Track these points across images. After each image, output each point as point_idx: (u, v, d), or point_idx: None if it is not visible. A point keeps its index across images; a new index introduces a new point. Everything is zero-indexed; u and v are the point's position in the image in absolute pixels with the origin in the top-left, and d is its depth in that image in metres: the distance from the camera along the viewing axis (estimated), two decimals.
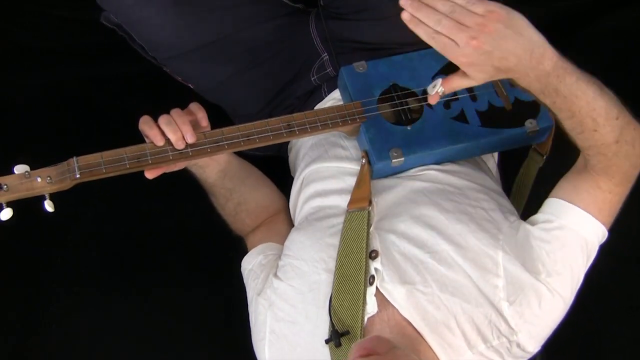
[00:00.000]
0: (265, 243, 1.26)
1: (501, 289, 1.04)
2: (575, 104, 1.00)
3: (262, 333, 1.13)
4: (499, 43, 0.94)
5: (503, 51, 0.95)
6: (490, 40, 0.94)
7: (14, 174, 1.00)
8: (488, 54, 0.94)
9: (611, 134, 1.03)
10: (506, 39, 0.94)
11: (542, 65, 0.97)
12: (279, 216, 1.33)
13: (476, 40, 0.94)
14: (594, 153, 1.06)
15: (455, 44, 0.95)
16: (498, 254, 1.07)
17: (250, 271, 1.22)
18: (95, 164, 1.03)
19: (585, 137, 1.04)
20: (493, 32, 0.94)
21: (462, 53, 0.95)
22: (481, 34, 0.94)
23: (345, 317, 1.04)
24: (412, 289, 1.04)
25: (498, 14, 0.94)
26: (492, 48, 0.94)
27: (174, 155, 1.07)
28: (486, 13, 0.94)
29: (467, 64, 0.96)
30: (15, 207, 1.00)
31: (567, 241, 1.08)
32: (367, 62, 1.24)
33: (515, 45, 0.95)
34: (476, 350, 1.03)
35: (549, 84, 0.99)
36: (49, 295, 1.40)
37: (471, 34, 0.94)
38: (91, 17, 1.42)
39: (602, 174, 1.08)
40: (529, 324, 1.04)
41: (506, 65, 0.96)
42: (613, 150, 1.05)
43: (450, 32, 0.94)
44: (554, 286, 1.06)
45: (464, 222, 1.10)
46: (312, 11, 1.41)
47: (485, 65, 0.96)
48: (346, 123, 1.16)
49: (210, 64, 1.36)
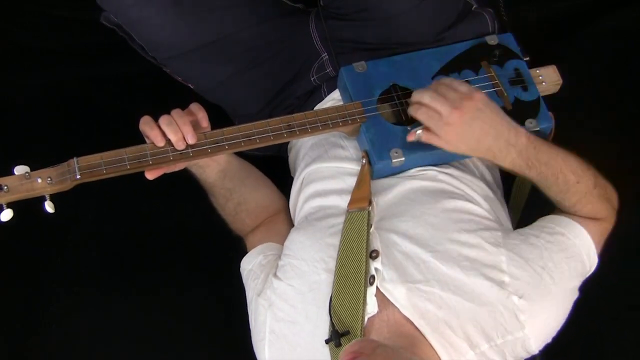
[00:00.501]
0: (265, 243, 1.25)
1: (508, 284, 1.05)
2: (555, 166, 1.11)
3: (262, 333, 1.13)
4: (481, 115, 1.07)
5: (485, 120, 1.07)
6: (473, 110, 1.07)
7: (14, 174, 1.00)
8: (469, 124, 1.06)
9: (590, 180, 1.14)
10: (487, 112, 1.08)
11: (521, 140, 1.09)
12: (279, 216, 1.33)
13: (459, 110, 1.06)
14: (583, 204, 1.14)
15: (440, 114, 1.04)
16: (501, 251, 1.08)
17: (250, 271, 1.22)
18: (96, 164, 1.03)
19: (573, 193, 1.13)
20: (474, 104, 1.07)
21: (445, 122, 1.06)
22: (464, 103, 1.06)
23: (345, 317, 1.04)
24: (413, 288, 1.04)
25: (479, 93, 1.09)
26: (474, 117, 1.06)
27: (175, 156, 1.07)
28: (469, 92, 1.08)
29: (448, 134, 1.07)
30: (15, 207, 1.00)
31: (567, 246, 1.11)
32: (367, 62, 1.24)
33: (495, 118, 1.08)
34: (479, 350, 1.03)
35: (530, 156, 1.10)
36: (49, 295, 1.40)
37: (455, 105, 1.06)
38: (91, 17, 1.42)
39: (591, 217, 1.16)
40: (537, 319, 1.05)
41: (487, 142, 1.08)
42: (595, 195, 1.14)
43: (435, 103, 1.07)
44: (557, 280, 1.07)
45: (465, 221, 1.11)
46: (312, 11, 1.41)
47: (465, 139, 1.08)
48: (346, 123, 1.16)
49: (210, 64, 1.36)
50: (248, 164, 1.30)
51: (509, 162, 1.11)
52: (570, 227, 1.13)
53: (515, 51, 1.28)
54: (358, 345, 0.92)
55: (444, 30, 1.32)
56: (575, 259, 1.11)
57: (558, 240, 1.11)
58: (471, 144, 1.09)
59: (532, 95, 1.24)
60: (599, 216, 1.16)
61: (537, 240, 1.11)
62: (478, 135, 1.08)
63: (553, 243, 1.11)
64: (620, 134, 1.50)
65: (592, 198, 1.14)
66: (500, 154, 1.10)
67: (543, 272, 1.07)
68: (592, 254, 1.13)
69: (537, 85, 1.26)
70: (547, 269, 1.07)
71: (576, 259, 1.11)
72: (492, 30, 1.35)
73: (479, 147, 1.09)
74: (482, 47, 1.28)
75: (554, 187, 1.13)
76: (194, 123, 1.09)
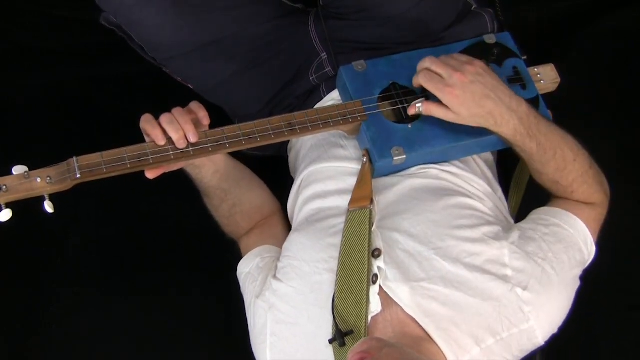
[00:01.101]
0: (261, 246, 1.25)
1: (511, 277, 1.05)
2: (554, 140, 1.13)
3: (262, 336, 1.13)
4: (482, 79, 1.10)
5: (485, 84, 1.09)
6: (473, 74, 1.10)
7: (13, 174, 0.99)
8: (471, 88, 1.08)
9: (585, 160, 1.16)
10: (487, 77, 1.11)
11: (522, 107, 1.12)
12: (273, 218, 1.33)
13: (460, 72, 1.09)
14: (579, 184, 1.15)
15: (441, 77, 1.10)
16: (503, 245, 1.08)
17: (248, 274, 1.21)
18: (96, 163, 1.03)
19: (570, 171, 1.15)
20: (475, 69, 1.10)
21: (446, 83, 1.09)
22: (465, 67, 1.10)
23: (348, 316, 1.04)
24: (417, 287, 1.04)
25: (480, 61, 1.13)
26: (474, 80, 1.09)
27: (175, 155, 1.07)
28: (469, 59, 1.12)
29: (450, 94, 1.09)
30: (14, 207, 0.99)
31: (564, 236, 1.12)
32: (367, 61, 1.24)
33: (495, 84, 1.11)
34: (484, 346, 1.04)
35: (531, 124, 1.12)
36: (49, 295, 1.39)
37: (456, 68, 1.10)
38: (91, 17, 1.42)
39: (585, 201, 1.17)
40: (541, 310, 1.05)
41: (488, 106, 1.09)
42: (591, 176, 1.16)
43: (437, 68, 1.11)
44: (559, 270, 1.08)
45: (466, 217, 1.11)
46: (312, 11, 1.41)
47: (467, 101, 1.09)
48: (347, 121, 1.16)
49: (209, 64, 1.36)
50: (243, 165, 1.30)
51: (511, 128, 1.11)
52: (565, 218, 1.14)
53: (513, 50, 1.29)
54: (367, 345, 0.92)
55: (444, 30, 1.32)
56: (573, 248, 1.12)
57: (554, 231, 1.12)
58: (473, 108, 1.09)
59: (531, 94, 1.24)
60: (593, 200, 1.17)
61: (534, 234, 1.11)
62: (479, 98, 1.09)
63: (550, 235, 1.11)
64: (620, 134, 1.50)
65: (588, 178, 1.16)
66: (502, 119, 1.10)
67: (544, 264, 1.07)
68: (590, 242, 1.14)
69: (535, 83, 1.27)
70: (547, 260, 1.08)
71: (574, 248, 1.12)
72: (492, 30, 1.35)
73: (481, 111, 1.10)
74: (480, 46, 1.28)
75: (552, 162, 1.14)
76: (194, 121, 1.09)
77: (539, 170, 1.16)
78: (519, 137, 1.12)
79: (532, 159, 1.15)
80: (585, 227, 1.14)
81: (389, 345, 0.92)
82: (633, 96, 1.52)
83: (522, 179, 1.30)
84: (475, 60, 1.13)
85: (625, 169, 1.44)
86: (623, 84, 1.54)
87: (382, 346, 0.91)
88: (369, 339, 0.97)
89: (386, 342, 0.94)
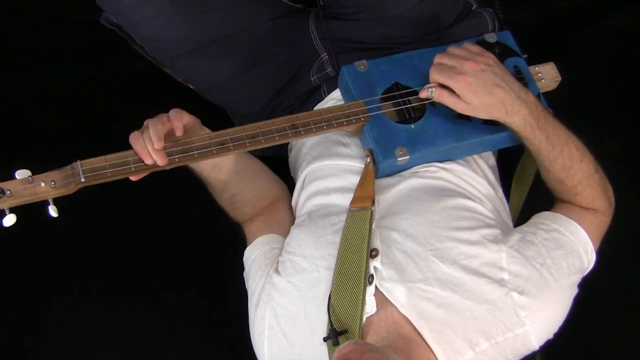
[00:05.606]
0: (268, 234, 1.24)
1: (507, 281, 1.05)
2: (561, 136, 1.13)
3: (261, 328, 1.13)
4: (492, 69, 1.11)
5: (496, 74, 1.10)
6: (484, 64, 1.11)
7: (16, 179, 0.99)
8: (483, 76, 1.08)
9: (591, 162, 1.16)
10: (497, 68, 1.12)
11: (530, 98, 1.13)
12: (279, 205, 1.31)
13: (472, 61, 1.11)
14: (584, 186, 1.15)
15: (452, 66, 1.11)
16: (501, 248, 1.08)
17: (254, 262, 1.21)
18: (100, 167, 1.02)
19: (575, 171, 1.15)
20: (485, 60, 1.12)
21: (458, 72, 1.10)
22: (476, 57, 1.12)
23: (343, 316, 1.04)
24: (413, 287, 1.05)
25: (490, 53, 1.15)
26: (485, 69, 1.10)
27: (180, 158, 1.07)
28: (481, 50, 1.15)
29: (462, 81, 1.09)
30: (15, 208, 0.99)
31: (564, 242, 1.12)
32: (368, 61, 1.24)
33: (505, 74, 1.12)
34: (479, 349, 1.04)
35: (540, 116, 1.13)
36: (49, 295, 1.40)
37: (467, 58, 1.11)
38: (91, 17, 1.42)
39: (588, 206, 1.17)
40: (537, 315, 1.05)
41: (499, 94, 1.10)
42: (596, 180, 1.16)
43: (449, 60, 1.12)
44: (557, 276, 1.07)
45: (466, 218, 1.11)
46: (312, 11, 1.41)
47: (479, 89, 1.09)
48: (350, 122, 1.16)
49: (210, 64, 1.36)
50: (243, 155, 1.27)
51: (521, 117, 1.11)
52: (566, 224, 1.14)
53: (514, 48, 1.29)
54: (349, 348, 0.92)
55: (444, 29, 1.32)
56: (572, 255, 1.11)
57: (554, 237, 1.12)
58: (484, 96, 1.10)
59: (531, 92, 1.24)
60: (596, 205, 1.17)
61: (534, 238, 1.11)
62: (491, 86, 1.10)
63: (550, 240, 1.11)
64: (620, 134, 1.50)
65: (592, 182, 1.16)
66: (513, 108, 1.11)
67: (542, 269, 1.07)
68: (590, 250, 1.14)
69: (536, 82, 1.27)
70: (546, 266, 1.08)
71: (574, 255, 1.11)
72: (492, 29, 1.35)
73: (492, 99, 1.10)
74: (481, 45, 1.28)
75: (559, 159, 1.14)
76: (170, 131, 1.07)
77: (547, 167, 1.16)
78: (528, 128, 1.12)
79: (540, 153, 1.14)
80: (586, 235, 1.13)
81: (373, 350, 0.93)
82: (633, 96, 1.53)
83: (524, 176, 1.29)
84: (486, 51, 1.15)
85: (626, 168, 1.44)
86: (623, 84, 1.54)
87: (365, 350, 0.92)
88: (354, 343, 0.97)
89: (370, 347, 0.94)
